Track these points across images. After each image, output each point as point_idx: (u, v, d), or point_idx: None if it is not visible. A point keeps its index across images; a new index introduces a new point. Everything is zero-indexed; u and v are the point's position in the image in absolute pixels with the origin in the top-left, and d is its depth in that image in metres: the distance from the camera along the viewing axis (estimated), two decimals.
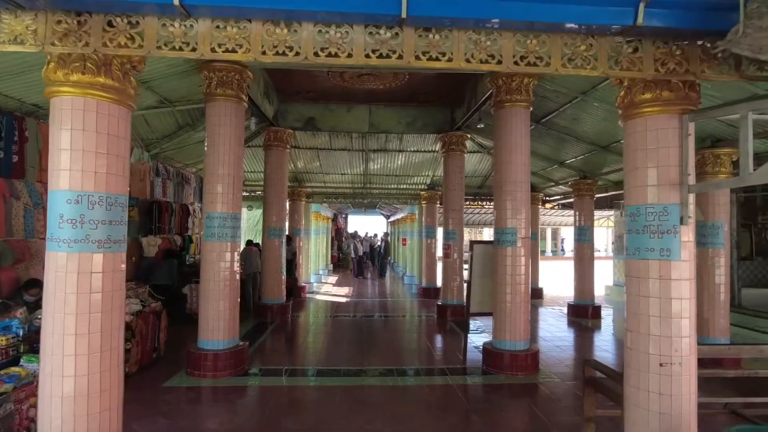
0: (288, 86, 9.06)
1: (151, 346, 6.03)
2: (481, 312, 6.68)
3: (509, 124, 6.14)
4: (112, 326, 2.88)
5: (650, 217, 3.10)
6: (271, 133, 9.53)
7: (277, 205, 9.62)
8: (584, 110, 7.28)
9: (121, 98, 2.94)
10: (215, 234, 5.81)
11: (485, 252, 6.60)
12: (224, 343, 5.76)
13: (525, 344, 6.09)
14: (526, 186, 6.19)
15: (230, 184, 5.90)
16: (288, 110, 9.82)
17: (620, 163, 9.10)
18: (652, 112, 3.16)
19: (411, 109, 10.04)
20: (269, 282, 9.52)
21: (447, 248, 9.93)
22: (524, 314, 6.09)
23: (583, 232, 10.43)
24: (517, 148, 6.13)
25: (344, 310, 11.06)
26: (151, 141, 8.89)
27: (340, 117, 9.93)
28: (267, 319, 9.35)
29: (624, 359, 3.30)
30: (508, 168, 6.13)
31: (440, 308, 9.96)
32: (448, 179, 9.99)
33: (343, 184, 13.75)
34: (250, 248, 10.89)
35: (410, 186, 13.83)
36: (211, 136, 5.90)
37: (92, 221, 2.77)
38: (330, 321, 9.60)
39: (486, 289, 6.61)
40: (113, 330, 2.89)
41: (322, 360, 6.55)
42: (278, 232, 9.62)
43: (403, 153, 11.65)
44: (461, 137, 9.83)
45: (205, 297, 5.80)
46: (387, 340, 7.96)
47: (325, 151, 11.52)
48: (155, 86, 6.40)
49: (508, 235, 6.11)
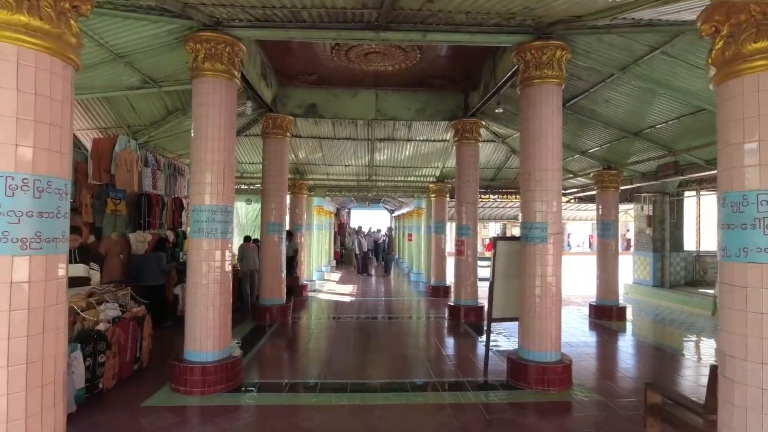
0: (288, 68, 8.29)
1: (132, 357, 5.32)
2: (505, 317, 5.95)
3: (539, 103, 5.37)
4: (45, 354, 2.14)
5: (766, 206, 2.32)
6: (269, 120, 8.77)
7: (276, 198, 8.89)
8: (619, 90, 6.50)
9: (55, 47, 2.18)
10: (203, 230, 5.07)
11: (510, 250, 5.85)
12: (214, 354, 5.04)
13: (556, 355, 5.35)
14: (557, 174, 5.43)
15: (220, 172, 5.15)
16: (288, 95, 9.06)
17: (653, 150, 8.34)
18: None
19: (421, 94, 9.26)
20: (268, 281, 8.80)
21: (460, 244, 9.18)
22: (555, 320, 5.36)
23: (607, 226, 9.66)
24: (547, 131, 5.36)
25: (349, 310, 10.35)
26: (138, 128, 8.16)
27: (344, 103, 9.16)
28: (266, 321, 8.65)
29: (718, 391, 2.55)
30: (538, 154, 5.37)
31: (452, 309, 9.23)
32: (461, 170, 9.22)
33: (347, 176, 12.99)
34: (248, 245, 10.17)
35: (418, 178, 13.06)
36: (198, 117, 5.14)
37: (11, 212, 2.03)
38: (334, 323, 8.89)
39: (510, 291, 5.87)
40: (46, 359, 2.15)
41: (326, 371, 5.84)
42: (278, 227, 8.89)
43: (411, 142, 10.88)
44: (475, 124, 9.05)
45: (191, 302, 5.08)
46: (397, 346, 7.24)
47: (328, 140, 10.76)
48: (136, 62, 5.65)
49: (537, 231, 5.36)
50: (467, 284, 9.09)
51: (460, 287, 9.17)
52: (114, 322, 5.03)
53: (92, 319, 4.73)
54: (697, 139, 7.33)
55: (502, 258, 5.84)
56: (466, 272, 9.11)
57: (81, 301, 4.90)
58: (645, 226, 12.40)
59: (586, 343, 7.64)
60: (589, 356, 6.74)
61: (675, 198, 12.35)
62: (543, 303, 5.31)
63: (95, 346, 4.59)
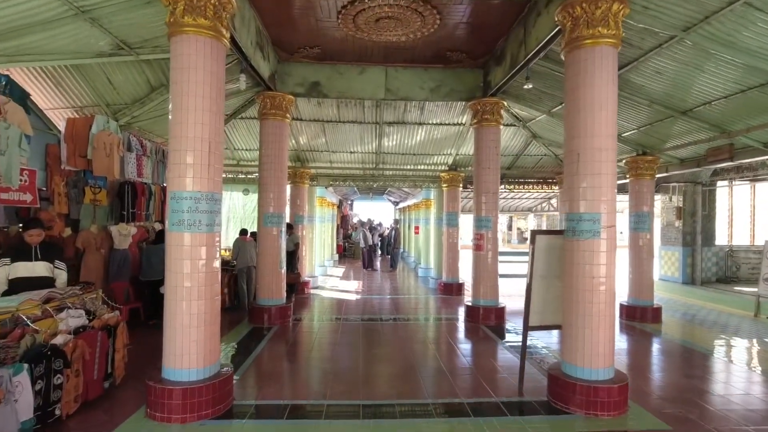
0: (288, 39, 7.34)
1: (101, 374, 4.44)
2: (544, 325, 5.05)
3: (590, 68, 4.44)
4: None
5: None
6: (267, 100, 7.84)
7: (275, 187, 7.98)
8: (676, 57, 5.55)
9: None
10: (184, 221, 4.17)
11: (551, 245, 4.94)
12: (199, 372, 4.17)
13: (608, 372, 4.47)
14: (611, 155, 4.51)
15: (205, 152, 4.24)
16: (288, 72, 8.12)
17: (701, 131, 7.37)
18: None
19: (435, 71, 8.32)
20: (266, 279, 7.91)
21: (479, 238, 8.28)
22: (608, 331, 4.47)
23: (641, 219, 8.73)
24: (601, 102, 4.44)
25: (355, 310, 9.47)
26: (118, 107, 7.24)
27: (350, 81, 8.22)
28: (263, 323, 7.78)
29: None
30: (589, 130, 4.45)
31: (470, 310, 8.35)
32: (480, 156, 8.29)
33: (353, 164, 12.05)
34: (244, 238, 9.29)
35: (429, 167, 12.12)
36: (178, 83, 4.22)
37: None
38: (339, 326, 8.01)
39: (551, 294, 4.97)
40: None
41: (332, 388, 4.96)
42: (277, 218, 7.99)
43: (423, 126, 9.93)
44: (496, 105, 8.11)
45: (170, 309, 4.19)
46: (412, 354, 6.37)
47: (333, 124, 9.82)
48: (103, 19, 4.71)
49: (587, 223, 4.46)
50: (487, 282, 8.20)
51: (478, 286, 8.28)
52: (77, 333, 4.14)
53: (46, 332, 3.84)
54: (759, 117, 6.38)
55: (541, 255, 4.93)
56: (485, 269, 8.21)
57: (34, 308, 4.01)
58: (674, 218, 11.47)
59: (622, 350, 6.76)
60: (632, 368, 5.85)
61: (707, 188, 11.41)
62: (593, 310, 4.42)
63: (49, 365, 3.71)
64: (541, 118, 9.09)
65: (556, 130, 9.51)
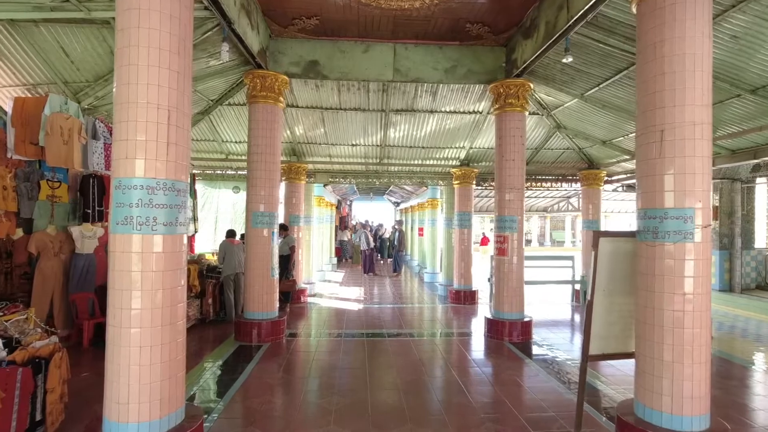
0: (281, 8, 6.24)
1: (22, 425, 3.29)
2: (608, 354, 3.93)
3: (680, 15, 3.35)
4: None
5: None
6: (257, 80, 6.73)
7: (266, 182, 6.86)
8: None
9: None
10: (133, 219, 3.04)
11: (617, 251, 3.83)
12: (153, 426, 3.03)
13: (703, 421, 3.36)
14: (708, 131, 3.42)
15: (163, 124, 3.11)
16: (281, 50, 7.01)
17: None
18: None
19: (452, 49, 7.23)
20: (255, 289, 6.78)
21: (501, 241, 7.17)
22: (702, 366, 3.36)
23: None
24: (695, 61, 3.35)
25: (357, 322, 8.34)
26: (79, 85, 6.11)
27: (354, 60, 7.12)
28: (252, 340, 6.65)
29: None
30: (678, 98, 3.35)
31: (492, 324, 7.22)
32: (503, 146, 7.20)
33: (355, 159, 10.92)
34: (232, 241, 8.16)
35: (439, 161, 11.00)
36: (124, 30, 3.09)
37: None
38: (340, 344, 6.88)
39: (616, 314, 3.86)
40: None
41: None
42: (268, 218, 6.87)
43: (434, 115, 8.82)
44: (522, 87, 7.02)
45: (113, 341, 3.06)
46: (431, 383, 5.26)
47: (333, 111, 8.70)
48: None
49: (674, 222, 3.37)
50: (512, 292, 7.08)
51: (501, 296, 7.16)
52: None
53: None
54: None
55: (605, 263, 3.81)
56: (509, 277, 7.10)
57: None
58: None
59: None
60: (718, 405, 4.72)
61: (746, 185, 10.34)
62: (682, 337, 3.32)
63: None
64: (570, 104, 8.00)
65: (586, 117, 8.42)
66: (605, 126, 8.57)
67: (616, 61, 6.08)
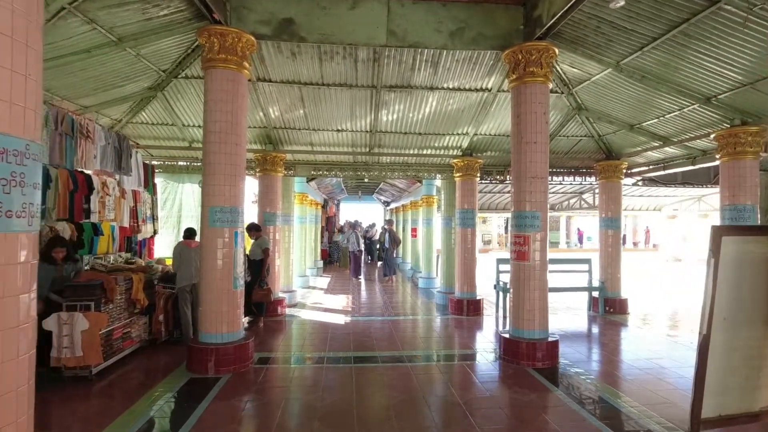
0: None
1: None
2: (728, 416, 2.57)
3: None
4: None
5: None
6: (214, 39, 5.30)
7: (227, 167, 5.43)
8: None
9: None
10: None
11: (745, 257, 2.47)
12: None
13: None
14: None
15: (19, 52, 1.66)
16: (248, 4, 5.59)
17: None
18: None
19: (458, 7, 5.88)
20: (212, 304, 5.33)
21: (521, 243, 5.81)
22: None
23: (743, 213, 6.36)
24: None
25: (343, 341, 6.92)
26: None
27: (338, 18, 5.72)
28: (207, 371, 5.19)
29: None
30: None
31: (509, 345, 5.85)
32: (524, 125, 5.85)
33: (341, 147, 9.47)
34: (188, 243, 6.70)
35: (437, 151, 9.60)
36: None
37: None
38: (322, 375, 5.45)
39: (744, 355, 2.50)
40: None
41: None
42: (230, 215, 5.43)
43: (435, 93, 7.42)
44: (547, 51, 5.69)
45: None
46: None
47: (314, 88, 7.25)
48: None
49: None
50: (535, 305, 5.73)
51: (521, 310, 5.79)
52: None
53: None
54: None
55: (730, 274, 2.44)
56: (531, 286, 5.74)
57: None
58: None
59: None
60: None
61: None
62: None
63: None
64: (599, 77, 6.68)
65: (615, 95, 7.11)
66: (636, 106, 7.27)
67: (673, 11, 4.76)
